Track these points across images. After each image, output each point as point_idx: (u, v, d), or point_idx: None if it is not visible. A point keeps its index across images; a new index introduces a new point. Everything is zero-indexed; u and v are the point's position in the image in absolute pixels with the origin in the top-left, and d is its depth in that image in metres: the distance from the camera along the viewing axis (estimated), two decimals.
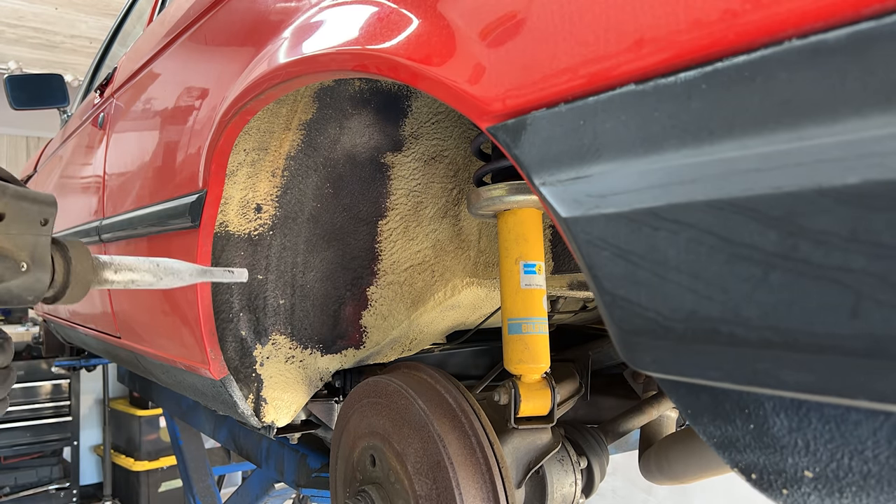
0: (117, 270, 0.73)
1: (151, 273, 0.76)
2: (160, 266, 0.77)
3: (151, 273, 0.76)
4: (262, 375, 1.26)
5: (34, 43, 5.07)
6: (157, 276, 0.76)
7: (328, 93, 1.12)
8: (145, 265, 0.76)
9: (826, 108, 0.36)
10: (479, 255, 1.28)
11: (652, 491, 3.57)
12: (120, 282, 0.73)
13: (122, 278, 0.74)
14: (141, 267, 0.75)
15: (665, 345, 0.48)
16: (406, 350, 1.39)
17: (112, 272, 0.73)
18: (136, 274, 0.75)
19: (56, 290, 0.69)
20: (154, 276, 0.76)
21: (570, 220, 0.52)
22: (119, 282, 0.73)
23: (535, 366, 0.95)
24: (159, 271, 0.77)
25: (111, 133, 1.86)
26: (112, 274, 0.73)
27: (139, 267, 0.75)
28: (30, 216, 0.66)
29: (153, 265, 0.76)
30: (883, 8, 0.33)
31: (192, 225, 1.16)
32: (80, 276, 0.70)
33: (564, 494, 1.07)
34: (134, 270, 0.75)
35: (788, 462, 0.46)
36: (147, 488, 4.28)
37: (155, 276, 0.76)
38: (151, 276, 0.76)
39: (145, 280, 0.75)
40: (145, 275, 0.75)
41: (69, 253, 0.70)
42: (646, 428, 1.46)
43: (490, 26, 0.59)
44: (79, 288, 0.70)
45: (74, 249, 0.70)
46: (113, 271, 0.73)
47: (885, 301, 0.36)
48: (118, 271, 0.73)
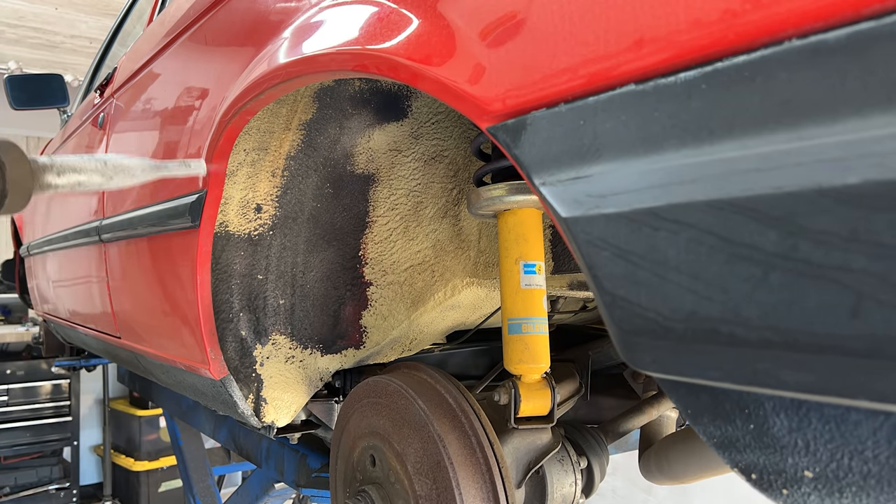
0: (60, 173, 0.68)
1: (99, 173, 0.71)
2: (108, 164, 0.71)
3: (99, 173, 0.71)
4: (262, 375, 1.26)
5: (34, 43, 5.07)
6: (106, 176, 0.71)
7: (328, 93, 1.12)
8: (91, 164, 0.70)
9: (826, 108, 0.36)
10: (479, 255, 1.28)
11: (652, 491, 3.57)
12: (65, 185, 0.68)
13: (68, 181, 0.68)
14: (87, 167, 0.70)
15: (665, 345, 0.48)
16: (406, 350, 1.39)
17: (55, 175, 0.67)
18: (82, 175, 0.69)
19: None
20: (102, 175, 0.71)
21: (570, 220, 0.52)
22: (64, 185, 0.68)
23: (535, 366, 0.95)
24: (107, 170, 0.71)
25: (111, 133, 1.86)
26: (55, 177, 0.67)
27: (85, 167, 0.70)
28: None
29: (100, 163, 0.71)
30: (883, 8, 0.33)
31: (192, 225, 1.16)
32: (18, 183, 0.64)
33: (564, 494, 1.07)
34: (79, 171, 0.69)
35: (788, 462, 0.46)
36: (147, 488, 4.29)
37: (103, 175, 0.71)
38: (99, 175, 0.71)
39: (94, 181, 0.70)
40: (93, 175, 0.70)
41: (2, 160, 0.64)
42: (646, 428, 1.46)
43: (490, 26, 0.59)
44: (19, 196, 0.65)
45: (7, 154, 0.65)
46: (56, 174, 0.67)
47: (886, 301, 0.36)
48: (61, 174, 0.68)
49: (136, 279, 1.56)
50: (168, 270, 1.32)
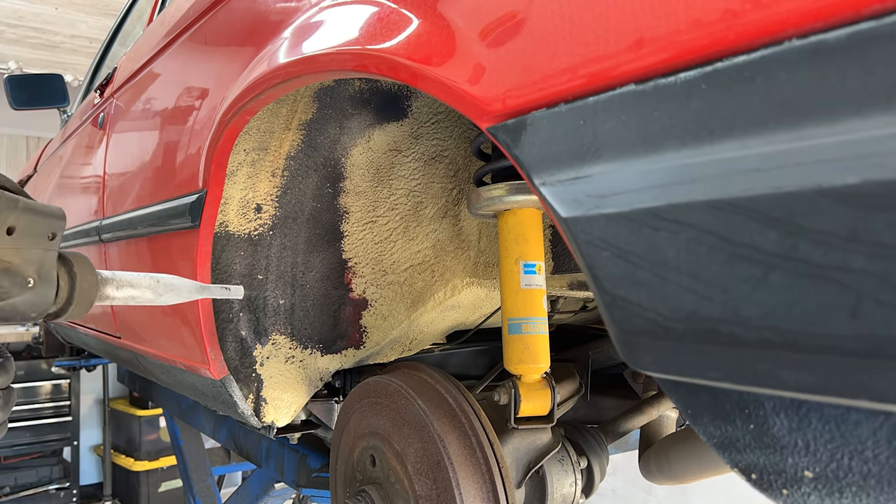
0: (119, 287, 0.73)
1: (152, 290, 0.75)
2: (160, 282, 0.76)
3: (152, 290, 0.75)
4: (262, 375, 1.26)
5: (34, 43, 5.07)
6: (157, 293, 0.76)
7: (328, 93, 1.12)
8: (146, 281, 0.75)
9: (826, 108, 0.36)
10: (479, 255, 1.28)
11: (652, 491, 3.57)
12: (121, 298, 0.73)
13: (123, 294, 0.73)
14: (142, 283, 0.75)
15: (665, 345, 0.48)
16: (406, 350, 1.39)
17: (114, 288, 0.72)
18: (136, 290, 0.74)
19: (59, 307, 0.68)
20: (154, 292, 0.76)
21: (570, 220, 0.52)
22: (120, 298, 0.73)
23: (535, 366, 0.95)
24: (159, 287, 0.76)
25: (111, 133, 1.86)
26: (114, 290, 0.72)
27: (140, 283, 0.75)
28: (39, 230, 0.65)
29: (153, 281, 0.76)
30: (883, 8, 0.33)
31: (192, 225, 1.16)
32: (84, 293, 0.69)
33: (564, 494, 1.07)
34: (135, 287, 0.74)
35: (788, 462, 0.46)
36: (147, 488, 4.28)
37: (155, 292, 0.76)
38: (151, 292, 0.75)
39: (145, 296, 0.75)
40: (146, 291, 0.75)
41: (74, 269, 0.68)
42: (646, 428, 1.46)
43: (490, 26, 0.59)
44: (82, 304, 0.69)
45: (79, 265, 0.69)
46: (115, 287, 0.72)
47: (885, 301, 0.36)
48: (120, 287, 0.73)
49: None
50: (168, 270, 1.32)
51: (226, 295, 0.83)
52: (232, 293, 0.83)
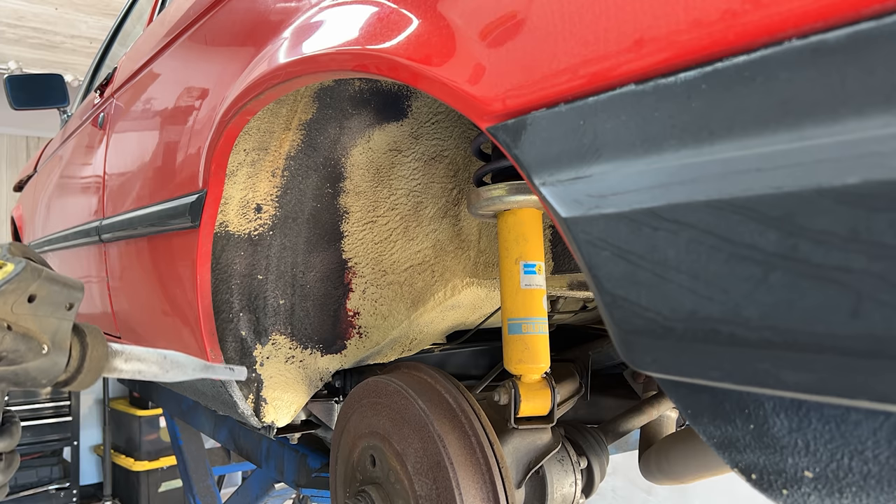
0: (127, 360, 0.74)
1: (158, 365, 0.77)
2: (167, 359, 0.78)
3: (158, 365, 0.77)
4: (262, 375, 1.26)
5: (34, 43, 5.06)
6: (164, 369, 0.77)
7: (328, 93, 1.12)
8: (153, 357, 0.76)
9: (826, 108, 0.36)
10: (479, 255, 1.28)
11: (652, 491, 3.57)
12: (128, 371, 0.74)
13: (131, 368, 0.74)
14: (149, 358, 0.76)
15: (665, 345, 0.48)
16: (406, 350, 1.39)
17: (122, 361, 0.74)
18: (143, 365, 0.75)
19: (69, 375, 0.69)
20: (160, 367, 0.77)
21: (570, 220, 0.52)
22: (127, 371, 0.74)
23: (535, 366, 0.95)
24: (166, 363, 0.77)
25: (111, 133, 1.86)
26: (122, 363, 0.74)
27: (147, 358, 0.76)
28: (58, 300, 0.66)
29: (161, 357, 0.77)
30: (883, 8, 0.33)
31: (192, 225, 1.16)
32: (94, 364, 0.70)
33: (564, 494, 1.07)
34: (142, 361, 0.75)
35: (788, 462, 0.46)
36: (147, 488, 4.28)
37: (161, 367, 0.77)
38: (158, 367, 0.77)
39: (151, 371, 0.76)
40: (152, 366, 0.76)
41: (87, 339, 0.70)
42: (646, 428, 1.46)
43: (490, 26, 0.59)
44: (91, 375, 0.71)
45: (92, 336, 0.71)
46: (123, 360, 0.74)
47: (885, 301, 0.36)
48: (128, 361, 0.74)
49: (136, 279, 1.56)
50: (168, 270, 1.32)
51: (229, 376, 0.84)
52: (235, 374, 0.84)
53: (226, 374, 0.83)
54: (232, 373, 0.84)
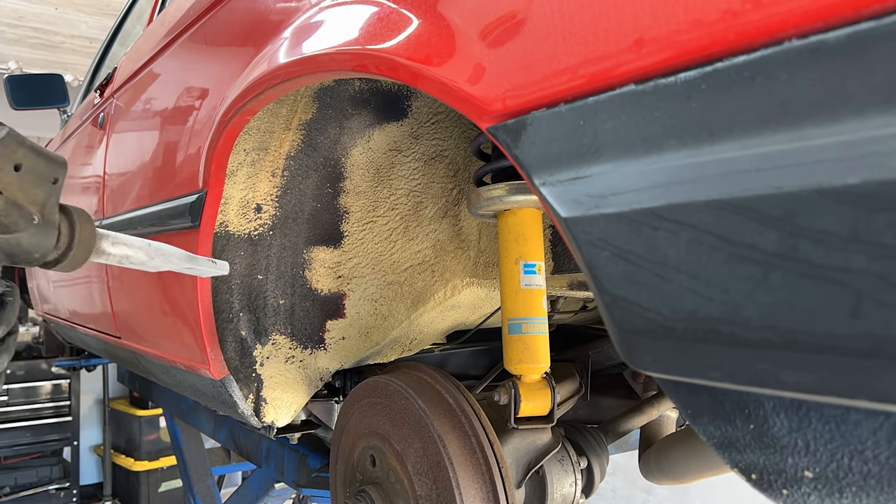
0: (114, 243, 0.73)
1: (144, 251, 0.76)
2: (152, 246, 0.77)
3: (144, 251, 0.76)
4: (262, 375, 1.26)
5: (34, 43, 5.06)
6: (150, 256, 0.77)
7: (328, 93, 1.12)
8: (139, 243, 0.76)
9: (826, 108, 0.36)
10: (479, 255, 1.28)
11: (652, 491, 3.57)
12: (115, 255, 0.73)
13: (118, 252, 0.74)
14: (135, 244, 0.76)
15: (665, 345, 0.48)
16: (406, 350, 1.39)
17: (109, 244, 0.73)
18: (130, 250, 0.75)
19: (60, 252, 0.69)
20: (147, 255, 0.76)
21: (570, 220, 0.52)
22: (114, 255, 0.73)
23: (535, 366, 0.95)
24: (151, 251, 0.77)
25: (111, 133, 1.86)
26: (109, 245, 0.73)
27: (133, 244, 0.75)
28: (43, 172, 0.65)
29: (146, 244, 0.77)
30: (883, 8, 0.33)
31: (192, 225, 1.16)
32: (84, 241, 0.70)
33: (564, 494, 1.07)
34: (129, 246, 0.75)
35: (788, 462, 0.46)
36: (147, 488, 4.28)
37: (147, 255, 0.76)
38: (144, 254, 0.76)
39: (138, 257, 0.75)
40: (138, 252, 0.76)
41: (74, 217, 0.69)
42: (646, 428, 1.46)
43: (490, 26, 0.59)
44: (81, 252, 0.70)
45: (78, 214, 0.70)
46: (110, 243, 0.73)
47: (885, 301, 0.36)
48: (115, 244, 0.73)
49: (136, 279, 1.56)
50: (168, 270, 1.32)
51: (213, 270, 0.83)
52: (218, 268, 0.84)
53: (209, 266, 0.83)
54: (215, 266, 0.84)
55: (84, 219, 0.70)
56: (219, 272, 0.84)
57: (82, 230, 0.69)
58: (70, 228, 0.69)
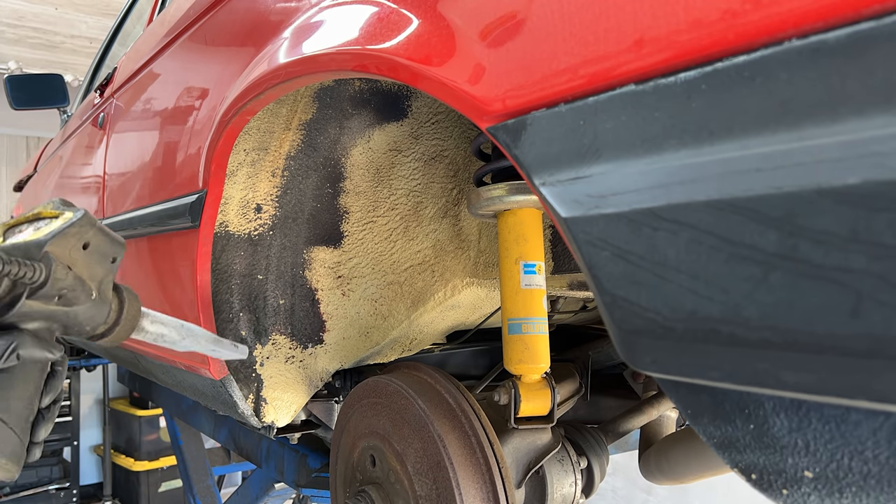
0: (153, 322, 0.78)
1: (177, 331, 0.81)
2: (185, 327, 0.82)
3: (177, 331, 0.81)
4: (262, 375, 1.26)
5: (34, 43, 5.07)
6: (181, 336, 0.81)
7: (328, 93, 1.12)
8: (174, 324, 0.80)
9: (826, 108, 0.36)
10: (479, 255, 1.28)
11: (652, 491, 3.57)
12: (152, 333, 0.78)
13: (155, 330, 0.78)
14: (171, 324, 0.80)
15: (665, 345, 0.48)
16: (406, 350, 1.39)
17: (149, 322, 0.77)
18: (165, 329, 0.79)
19: (107, 327, 0.72)
20: (178, 334, 0.81)
21: (570, 220, 0.52)
22: (151, 333, 0.78)
23: (535, 366, 0.95)
24: (183, 332, 0.81)
25: (111, 133, 1.86)
26: (148, 324, 0.77)
27: (169, 324, 0.80)
28: (106, 251, 0.70)
29: (179, 325, 0.81)
30: (883, 8, 0.33)
31: (192, 225, 1.16)
32: (130, 319, 0.74)
33: (564, 494, 1.07)
34: (165, 325, 0.79)
35: (788, 462, 0.46)
36: (147, 488, 4.28)
37: (179, 334, 0.81)
38: (177, 333, 0.81)
39: (171, 337, 0.80)
40: (172, 331, 0.80)
41: (124, 294, 0.74)
42: (646, 428, 1.46)
43: (490, 26, 0.59)
44: (126, 328, 0.74)
45: (128, 293, 0.74)
46: (150, 321, 0.77)
47: (885, 301, 0.36)
48: (153, 323, 0.78)
49: (135, 279, 1.56)
50: (168, 270, 1.32)
51: (233, 353, 0.88)
52: (238, 352, 0.89)
53: (231, 351, 0.87)
54: (236, 350, 0.88)
55: (132, 298, 0.75)
56: (239, 356, 0.89)
57: (130, 308, 0.74)
58: (120, 306, 0.73)
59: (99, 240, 0.69)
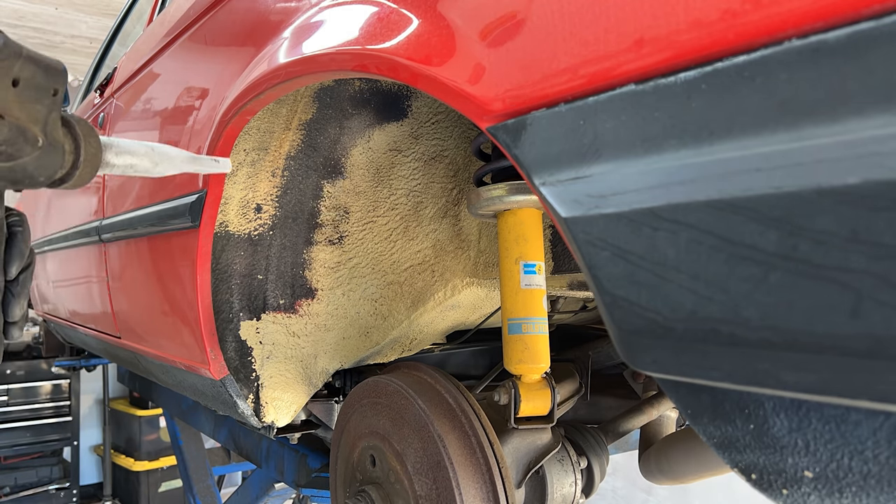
0: (118, 153, 0.67)
1: (149, 158, 0.70)
2: (155, 151, 0.71)
3: (149, 158, 0.70)
4: (262, 375, 1.26)
5: (34, 43, 5.07)
6: (154, 162, 0.71)
7: (328, 93, 1.12)
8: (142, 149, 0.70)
9: (826, 108, 0.36)
10: (479, 255, 1.28)
11: (652, 491, 3.57)
12: (119, 165, 0.67)
13: (122, 162, 0.68)
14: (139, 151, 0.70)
15: (665, 345, 0.48)
16: (406, 350, 1.39)
17: (113, 154, 0.67)
18: (135, 158, 0.69)
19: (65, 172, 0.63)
20: (151, 161, 0.70)
21: (570, 220, 0.52)
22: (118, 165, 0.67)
23: (535, 366, 0.95)
24: (155, 156, 0.71)
25: (111, 133, 1.86)
26: (113, 157, 0.67)
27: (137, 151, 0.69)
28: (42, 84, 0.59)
29: (149, 149, 0.71)
30: (883, 8, 0.33)
31: (192, 225, 1.16)
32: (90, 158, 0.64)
33: (564, 494, 1.07)
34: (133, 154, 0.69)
35: (788, 462, 0.46)
36: (147, 488, 4.28)
37: (152, 161, 0.71)
38: (149, 161, 0.70)
39: (143, 165, 0.70)
40: (143, 159, 0.70)
41: (77, 131, 0.63)
42: (646, 428, 1.46)
43: (490, 26, 0.59)
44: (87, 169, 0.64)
45: (82, 126, 0.64)
46: (114, 154, 0.67)
47: (885, 301, 0.36)
48: (119, 154, 0.67)
49: (136, 279, 1.56)
50: (168, 270, 1.32)
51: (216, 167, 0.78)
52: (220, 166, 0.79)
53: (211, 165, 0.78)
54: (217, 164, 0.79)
55: (88, 131, 0.64)
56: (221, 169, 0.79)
57: (88, 145, 0.63)
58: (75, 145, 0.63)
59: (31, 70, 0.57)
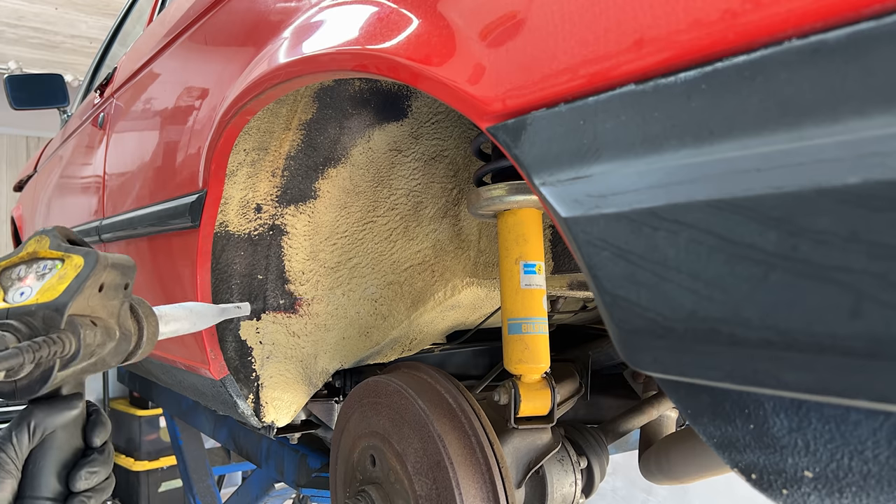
0: (167, 323, 0.73)
1: (189, 321, 0.77)
2: (193, 312, 0.78)
3: (189, 321, 0.77)
4: (262, 375, 1.26)
5: (34, 43, 5.07)
6: (192, 323, 0.77)
7: (328, 93, 1.12)
8: (184, 313, 0.76)
9: (826, 108, 0.36)
10: (479, 255, 1.28)
11: (652, 491, 3.57)
12: (167, 333, 0.74)
13: (170, 329, 0.74)
14: (181, 316, 0.76)
15: (665, 345, 0.48)
16: (406, 350, 1.39)
17: (164, 325, 0.73)
18: (178, 323, 0.75)
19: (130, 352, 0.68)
20: (190, 322, 0.77)
21: (570, 220, 0.52)
22: (167, 333, 0.74)
23: (535, 366, 0.95)
24: (193, 317, 0.78)
25: (111, 133, 1.86)
26: (164, 327, 0.73)
27: (180, 316, 0.76)
28: (118, 283, 0.65)
29: (188, 311, 0.77)
30: (883, 8, 0.33)
31: (192, 225, 1.16)
32: (151, 338, 0.70)
33: (564, 494, 1.07)
34: (177, 320, 0.75)
35: (788, 462, 0.46)
36: (147, 488, 4.28)
37: (190, 322, 0.77)
38: (188, 323, 0.77)
39: (184, 327, 0.76)
40: (184, 322, 0.76)
41: (141, 314, 0.69)
42: (646, 428, 1.46)
43: (490, 26, 0.59)
44: (149, 347, 0.70)
45: (142, 308, 0.69)
46: (164, 323, 0.73)
47: (886, 301, 0.36)
48: (167, 324, 0.73)
49: (135, 279, 1.56)
50: (168, 270, 1.33)
51: (237, 313, 0.86)
52: (242, 310, 0.87)
53: (235, 312, 0.85)
54: (239, 310, 0.86)
55: (148, 313, 0.70)
56: (243, 313, 0.88)
57: (149, 325, 0.69)
58: (138, 328, 0.68)
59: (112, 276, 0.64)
